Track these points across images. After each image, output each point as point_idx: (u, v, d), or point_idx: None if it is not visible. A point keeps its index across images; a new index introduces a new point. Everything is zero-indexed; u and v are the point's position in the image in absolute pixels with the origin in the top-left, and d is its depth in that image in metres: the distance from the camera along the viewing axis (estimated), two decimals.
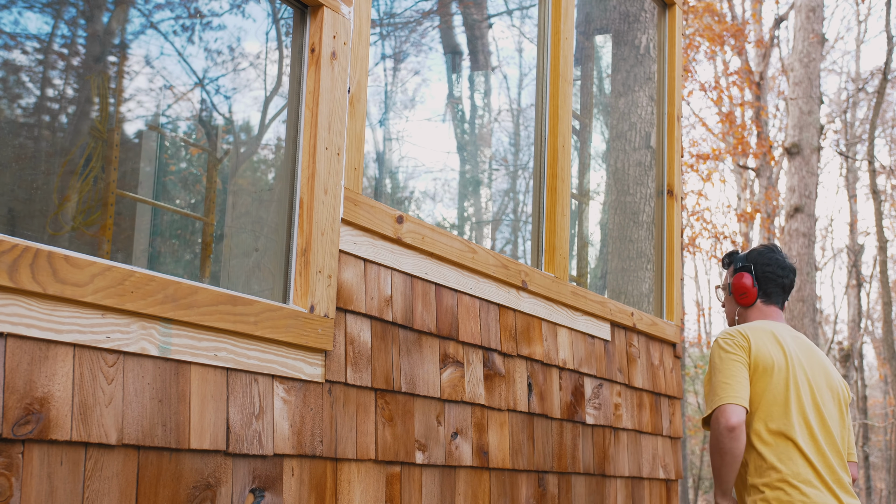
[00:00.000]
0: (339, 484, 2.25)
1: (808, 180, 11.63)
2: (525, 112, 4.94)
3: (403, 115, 4.64)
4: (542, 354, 3.13)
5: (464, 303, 2.78)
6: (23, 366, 1.58)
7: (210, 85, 3.52)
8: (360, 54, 2.42)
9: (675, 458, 4.05)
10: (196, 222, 3.59)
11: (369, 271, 2.41)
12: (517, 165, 5.10)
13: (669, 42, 4.45)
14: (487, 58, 5.05)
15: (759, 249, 3.02)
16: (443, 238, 2.69)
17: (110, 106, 3.27)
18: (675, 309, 4.20)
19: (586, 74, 5.07)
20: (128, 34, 3.32)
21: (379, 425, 2.39)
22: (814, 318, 11.43)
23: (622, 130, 4.87)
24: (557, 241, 3.29)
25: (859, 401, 20.63)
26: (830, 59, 20.51)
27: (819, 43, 11.94)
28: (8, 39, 2.91)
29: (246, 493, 1.99)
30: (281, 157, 2.67)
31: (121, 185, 3.33)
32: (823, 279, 26.79)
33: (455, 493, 2.66)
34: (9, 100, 3.08)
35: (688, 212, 16.50)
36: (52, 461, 1.61)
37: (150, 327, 1.80)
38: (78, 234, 3.11)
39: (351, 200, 2.35)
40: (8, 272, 1.55)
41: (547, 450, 3.12)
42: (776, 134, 19.32)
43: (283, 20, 3.20)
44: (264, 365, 2.05)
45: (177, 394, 1.85)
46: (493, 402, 2.85)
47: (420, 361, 2.57)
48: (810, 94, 11.87)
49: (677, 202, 4.33)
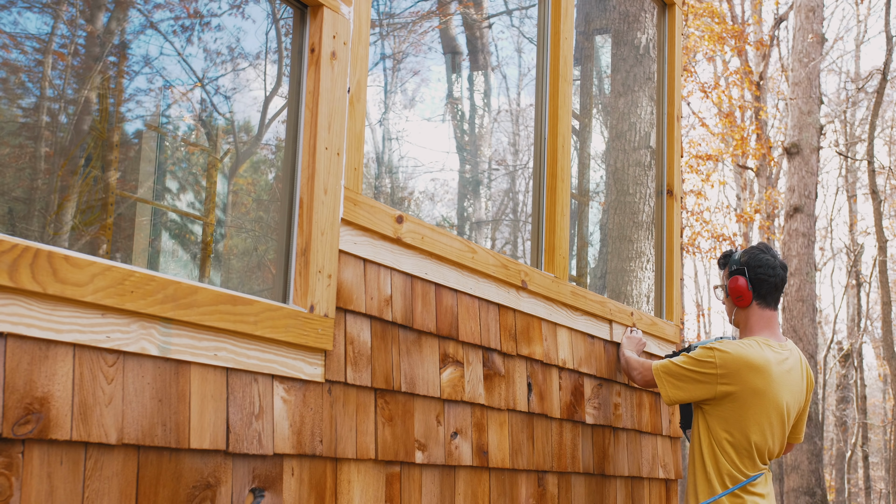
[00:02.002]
0: (339, 484, 2.25)
1: (808, 180, 11.63)
2: (524, 112, 4.94)
3: (403, 115, 4.64)
4: (542, 354, 3.13)
5: (464, 303, 2.78)
6: (23, 365, 1.58)
7: (210, 85, 3.52)
8: (359, 54, 2.42)
9: (674, 457, 4.06)
10: (196, 222, 3.59)
11: (369, 271, 2.41)
12: (517, 165, 5.10)
13: (669, 42, 4.45)
14: (487, 58, 5.05)
15: (752, 252, 3.22)
16: (443, 238, 2.69)
17: (110, 106, 3.27)
18: (675, 309, 4.20)
19: (586, 74, 5.08)
20: (128, 34, 3.32)
21: (379, 425, 2.39)
22: (813, 318, 11.43)
23: (622, 130, 4.87)
24: (557, 241, 3.29)
25: (859, 400, 20.62)
26: (830, 59, 20.52)
27: (819, 43, 11.95)
28: (7, 40, 2.91)
29: (246, 493, 1.99)
30: (281, 157, 2.67)
31: (121, 185, 3.33)
32: (823, 279, 26.80)
33: (455, 493, 2.66)
34: (9, 100, 3.08)
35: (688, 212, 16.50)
36: (51, 461, 1.61)
37: (150, 327, 1.80)
38: (78, 234, 3.11)
39: (351, 200, 2.35)
40: (8, 272, 1.55)
41: (546, 449, 3.12)
42: (776, 134, 19.33)
43: (283, 20, 3.20)
44: (264, 365, 2.06)
45: (177, 393, 1.85)
46: (492, 402, 2.86)
47: (420, 361, 2.57)
48: (810, 95, 11.87)
49: (677, 202, 4.34)
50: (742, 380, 2.98)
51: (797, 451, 11.46)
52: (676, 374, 3.11)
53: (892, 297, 15.09)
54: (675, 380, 3.11)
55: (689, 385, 3.07)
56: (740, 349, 3.02)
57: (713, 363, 3.02)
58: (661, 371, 3.16)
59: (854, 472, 23.61)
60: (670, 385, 3.12)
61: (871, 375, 27.32)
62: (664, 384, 3.13)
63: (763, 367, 3.00)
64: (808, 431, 11.39)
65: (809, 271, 11.43)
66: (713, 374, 3.01)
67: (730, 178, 21.28)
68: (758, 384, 2.99)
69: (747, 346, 3.04)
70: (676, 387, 3.10)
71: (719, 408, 3.04)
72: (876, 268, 19.34)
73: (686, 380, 3.08)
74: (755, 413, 3.00)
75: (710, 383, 3.02)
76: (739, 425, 3.01)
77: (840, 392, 21.71)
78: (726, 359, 3.00)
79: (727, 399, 3.01)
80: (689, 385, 3.07)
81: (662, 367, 3.16)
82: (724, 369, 3.00)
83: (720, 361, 3.01)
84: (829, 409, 24.54)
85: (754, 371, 2.99)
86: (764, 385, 3.00)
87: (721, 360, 3.01)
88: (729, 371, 2.99)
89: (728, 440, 3.03)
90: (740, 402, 3.00)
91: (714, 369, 3.01)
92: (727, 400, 3.01)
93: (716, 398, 3.03)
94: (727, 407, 3.02)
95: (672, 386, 3.11)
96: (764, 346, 3.06)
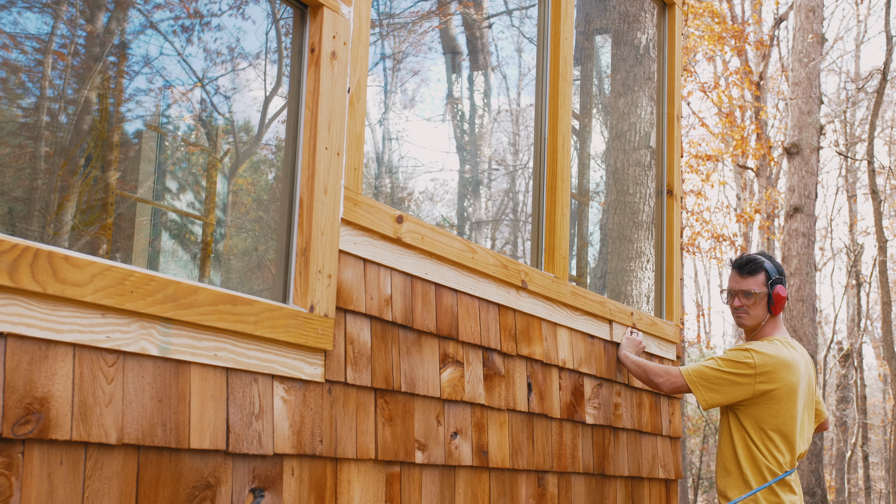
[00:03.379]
0: (339, 484, 2.25)
1: (808, 180, 11.63)
2: (524, 112, 4.94)
3: (403, 115, 4.64)
4: (542, 354, 3.13)
5: (463, 303, 2.78)
6: (23, 365, 1.58)
7: (210, 85, 3.52)
8: (359, 54, 2.42)
9: (674, 457, 4.06)
10: (196, 222, 3.59)
11: (369, 271, 2.41)
12: (517, 165, 5.10)
13: (669, 42, 4.45)
14: (487, 58, 5.05)
15: (775, 261, 3.39)
16: (442, 238, 2.69)
17: (110, 106, 3.27)
18: (675, 309, 4.20)
19: (586, 74, 5.08)
20: (128, 34, 3.32)
21: (379, 425, 2.39)
22: (813, 318, 11.43)
23: (622, 130, 4.87)
24: (557, 241, 3.29)
25: (859, 400, 20.62)
26: (830, 59, 20.52)
27: (818, 43, 11.95)
28: (7, 40, 2.91)
29: (246, 493, 1.99)
30: (281, 157, 2.68)
31: (121, 185, 3.33)
32: (823, 279, 26.80)
33: (455, 493, 2.66)
34: (9, 100, 3.08)
35: (688, 212, 16.50)
36: (51, 461, 1.61)
37: (149, 327, 1.80)
38: (78, 234, 3.11)
39: (351, 200, 2.35)
40: (8, 272, 1.55)
41: (546, 449, 3.12)
42: (776, 134, 19.32)
43: (283, 20, 3.20)
44: (264, 365, 2.06)
45: (177, 393, 1.85)
46: (492, 402, 2.86)
47: (420, 361, 2.57)
48: (810, 95, 11.87)
49: (677, 202, 4.34)
50: (780, 378, 3.13)
51: None
52: (712, 379, 3.20)
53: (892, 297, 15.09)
54: (712, 384, 3.19)
55: (727, 388, 3.17)
56: (773, 349, 3.18)
57: (751, 363, 3.14)
58: (694, 377, 3.24)
59: (854, 472, 23.62)
60: (706, 390, 3.20)
61: (871, 375, 27.32)
62: (700, 389, 3.22)
63: (794, 364, 3.17)
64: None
65: (809, 271, 11.43)
66: (751, 375, 3.13)
67: (730, 178, 21.29)
68: (792, 381, 3.14)
69: (776, 346, 3.21)
70: (714, 391, 3.19)
71: (755, 407, 3.16)
72: (876, 268, 19.34)
73: (724, 383, 3.17)
74: (789, 408, 3.15)
75: (749, 384, 3.14)
76: (776, 422, 3.14)
77: (840, 392, 21.71)
78: (764, 359, 3.14)
79: (764, 397, 3.14)
80: (727, 388, 3.17)
81: (696, 372, 3.24)
82: (762, 369, 3.13)
83: (759, 361, 3.14)
84: (829, 409, 24.55)
85: (788, 369, 3.14)
86: (796, 381, 3.16)
87: (759, 361, 3.14)
88: (767, 370, 3.12)
89: (765, 436, 3.15)
90: (776, 399, 3.14)
91: (752, 370, 3.13)
92: (764, 398, 3.14)
93: (753, 398, 3.15)
94: (763, 405, 3.15)
95: (708, 390, 3.20)
96: (787, 345, 3.23)
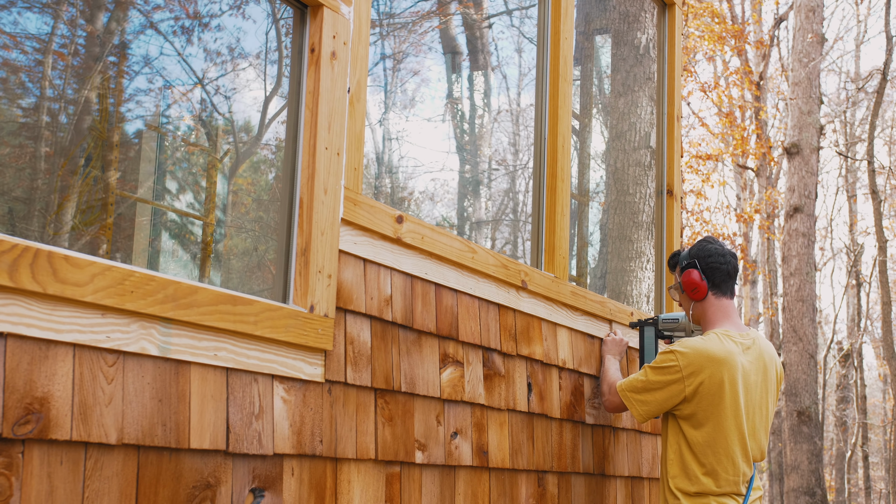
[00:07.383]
0: (339, 484, 2.25)
1: (808, 180, 11.64)
2: (524, 112, 4.94)
3: (403, 115, 4.64)
4: (542, 354, 3.13)
5: (464, 303, 2.78)
6: (23, 365, 1.58)
7: (210, 85, 3.52)
8: (359, 54, 2.42)
9: None
10: (196, 222, 3.59)
11: (369, 271, 2.41)
12: (517, 165, 5.10)
13: (669, 42, 4.46)
14: (487, 58, 5.05)
15: (699, 244, 3.19)
16: (443, 238, 2.69)
17: (110, 106, 3.27)
18: (675, 309, 4.20)
19: (586, 74, 5.08)
20: (128, 34, 3.32)
21: (379, 425, 2.39)
22: (813, 318, 11.43)
23: (622, 130, 4.87)
24: (557, 241, 3.29)
25: (859, 400, 20.62)
26: (830, 59, 20.52)
27: (818, 43, 11.95)
28: (7, 39, 2.91)
29: (246, 493, 1.99)
30: (281, 157, 2.68)
31: (121, 185, 3.34)
32: (823, 279, 26.80)
33: (455, 493, 2.66)
34: (9, 100, 3.08)
35: (688, 212, 16.50)
36: (51, 461, 1.61)
37: (149, 327, 1.80)
38: (78, 234, 3.11)
39: (351, 200, 2.35)
40: (8, 272, 1.55)
41: (547, 449, 3.12)
42: (776, 134, 19.33)
43: (283, 20, 3.20)
44: (264, 365, 2.06)
45: (177, 393, 1.85)
46: (492, 402, 2.86)
47: (420, 361, 2.57)
48: (810, 95, 11.87)
49: (677, 202, 4.34)
50: (708, 374, 2.88)
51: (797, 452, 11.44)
52: (641, 389, 3.00)
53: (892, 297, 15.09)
54: (641, 395, 3.00)
55: (657, 394, 2.96)
56: (700, 344, 2.93)
57: (676, 366, 2.92)
58: (625, 390, 3.05)
59: (854, 472, 23.62)
60: (637, 402, 3.01)
61: (871, 375, 27.32)
62: (632, 403, 3.03)
63: (726, 359, 2.90)
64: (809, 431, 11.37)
65: (809, 271, 11.43)
66: (678, 377, 2.91)
67: (730, 178, 21.28)
68: (724, 377, 2.89)
69: (707, 340, 2.96)
70: (644, 402, 2.99)
71: (689, 408, 2.93)
72: (876, 268, 19.35)
73: (652, 390, 2.97)
74: (726, 408, 2.90)
75: (677, 385, 2.92)
76: (712, 423, 2.90)
77: (840, 392, 21.71)
78: (688, 357, 2.91)
79: (696, 397, 2.90)
80: (657, 394, 2.96)
81: (627, 385, 3.05)
82: (688, 368, 2.90)
83: (683, 362, 2.91)
84: (829, 409, 24.55)
85: (718, 364, 2.89)
86: (731, 377, 2.90)
87: (683, 361, 2.91)
88: (694, 369, 2.89)
89: (700, 440, 2.92)
90: (709, 397, 2.89)
91: (678, 372, 2.91)
92: (696, 398, 2.90)
93: (686, 399, 2.92)
94: (696, 405, 2.91)
95: (640, 402, 3.00)
96: (724, 337, 2.97)
